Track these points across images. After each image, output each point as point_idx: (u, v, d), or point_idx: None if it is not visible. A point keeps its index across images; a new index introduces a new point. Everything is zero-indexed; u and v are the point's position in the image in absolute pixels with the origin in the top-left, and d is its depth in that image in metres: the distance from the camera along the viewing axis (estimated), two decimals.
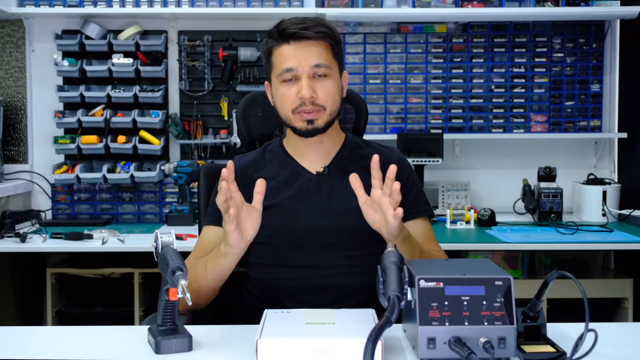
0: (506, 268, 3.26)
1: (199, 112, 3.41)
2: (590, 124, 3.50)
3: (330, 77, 1.59)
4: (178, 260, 1.25)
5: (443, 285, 1.16)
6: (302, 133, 1.61)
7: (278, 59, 1.59)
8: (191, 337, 1.27)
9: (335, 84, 1.61)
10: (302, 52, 1.57)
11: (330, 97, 1.59)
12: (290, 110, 1.59)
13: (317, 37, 1.58)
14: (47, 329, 1.58)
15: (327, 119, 1.60)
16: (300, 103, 1.57)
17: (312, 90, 1.56)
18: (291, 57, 1.57)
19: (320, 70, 1.57)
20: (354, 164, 1.67)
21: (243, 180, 1.65)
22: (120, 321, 3.14)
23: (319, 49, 1.58)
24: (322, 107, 1.58)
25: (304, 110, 1.57)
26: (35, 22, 3.39)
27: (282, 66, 1.58)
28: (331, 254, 1.59)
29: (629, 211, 3.16)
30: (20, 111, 3.43)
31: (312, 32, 1.57)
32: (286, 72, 1.57)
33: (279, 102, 1.62)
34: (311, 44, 1.57)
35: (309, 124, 1.59)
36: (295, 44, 1.57)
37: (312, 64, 1.56)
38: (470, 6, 3.30)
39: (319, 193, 1.63)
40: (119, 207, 3.40)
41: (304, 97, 1.55)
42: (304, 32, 1.57)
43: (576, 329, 1.25)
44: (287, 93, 1.58)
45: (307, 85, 1.55)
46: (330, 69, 1.59)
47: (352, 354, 1.16)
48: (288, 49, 1.58)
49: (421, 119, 3.47)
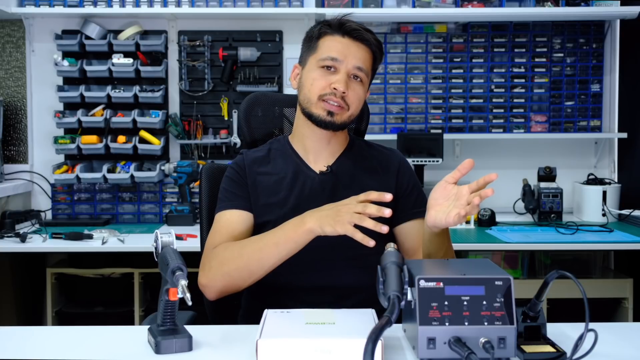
0: (506, 268, 3.26)
1: (199, 112, 3.41)
2: (590, 124, 3.50)
3: (363, 85, 1.64)
4: (178, 260, 1.25)
5: (443, 285, 1.16)
6: (319, 121, 1.62)
7: (326, 44, 1.62)
8: (191, 337, 1.27)
9: (364, 92, 1.66)
10: (353, 50, 1.61)
11: (357, 101, 1.63)
12: (317, 95, 1.60)
13: (370, 44, 1.63)
14: (47, 329, 1.58)
15: (346, 120, 1.63)
16: (329, 92, 1.59)
17: (347, 87, 1.59)
18: (341, 49, 1.61)
19: (359, 73, 1.62)
20: (357, 165, 1.69)
21: (249, 174, 1.67)
22: (120, 321, 3.14)
23: (366, 54, 1.63)
24: (347, 106, 1.61)
25: (331, 99, 1.59)
26: (35, 22, 3.39)
27: (329, 53, 1.61)
28: (331, 254, 1.59)
29: (629, 211, 3.16)
30: (20, 111, 3.43)
31: (370, 37, 1.64)
32: (331, 59, 1.60)
33: (309, 83, 1.62)
34: (363, 47, 1.63)
35: (328, 115, 1.60)
36: (349, 40, 1.62)
37: (356, 64, 1.61)
38: (470, 6, 3.31)
39: (322, 192, 1.64)
40: (119, 207, 3.40)
41: (338, 89, 1.58)
42: (364, 33, 1.63)
43: (576, 329, 1.25)
44: (321, 78, 1.61)
45: (343, 80, 1.59)
46: (367, 78, 1.64)
47: (352, 354, 1.16)
48: (341, 40, 1.62)
49: (421, 119, 3.47)
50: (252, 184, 1.66)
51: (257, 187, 1.66)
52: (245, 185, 1.66)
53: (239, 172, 1.68)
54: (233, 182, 1.68)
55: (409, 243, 1.66)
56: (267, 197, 1.64)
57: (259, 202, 1.64)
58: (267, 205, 1.63)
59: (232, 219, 1.63)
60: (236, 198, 1.65)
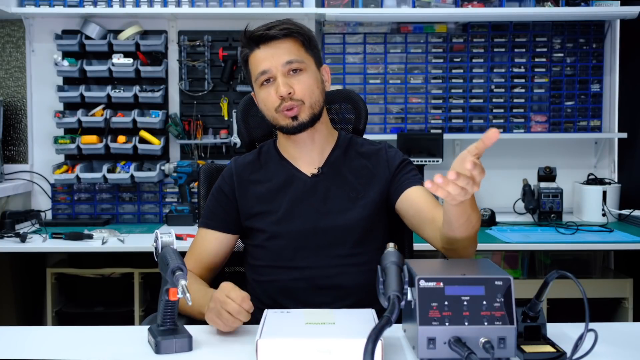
0: (506, 268, 3.26)
1: (199, 112, 3.41)
2: (590, 124, 3.49)
3: (306, 71, 1.61)
4: (178, 260, 1.25)
5: (443, 285, 1.16)
6: (290, 130, 1.61)
7: (253, 65, 1.62)
8: (191, 337, 1.27)
9: (312, 77, 1.62)
10: (273, 52, 1.59)
11: (308, 90, 1.60)
12: (274, 110, 1.60)
13: (283, 35, 1.60)
14: (47, 329, 1.58)
15: (310, 112, 1.60)
16: (280, 102, 1.58)
17: (289, 87, 1.58)
18: (263, 60, 1.59)
19: (293, 66, 1.59)
20: (347, 163, 1.68)
21: (239, 183, 1.66)
22: (120, 321, 3.14)
23: (288, 45, 1.60)
24: (301, 101, 1.59)
25: (285, 107, 1.58)
26: (35, 22, 3.38)
27: (257, 70, 1.61)
28: (328, 254, 1.59)
29: (629, 211, 3.16)
30: (20, 111, 3.43)
31: (277, 31, 1.60)
32: (261, 75, 1.60)
33: (263, 105, 1.64)
34: (280, 43, 1.60)
35: (293, 120, 1.60)
36: (265, 47, 1.60)
37: (283, 62, 1.59)
38: (470, 6, 3.30)
39: (314, 194, 1.64)
40: (119, 207, 3.39)
41: (282, 94, 1.57)
42: (269, 32, 1.60)
43: (576, 329, 1.25)
44: (267, 95, 1.60)
45: (282, 83, 1.57)
46: (304, 63, 1.61)
47: (352, 354, 1.16)
48: (259, 53, 1.60)
49: (421, 119, 3.47)
50: (244, 194, 1.66)
51: (249, 195, 1.66)
52: (229, 202, 1.66)
53: (224, 189, 1.68)
54: (214, 198, 1.69)
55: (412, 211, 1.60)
56: (260, 205, 1.64)
57: (252, 209, 1.64)
58: (260, 213, 1.64)
59: (206, 238, 1.67)
60: (214, 218, 1.67)
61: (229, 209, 1.66)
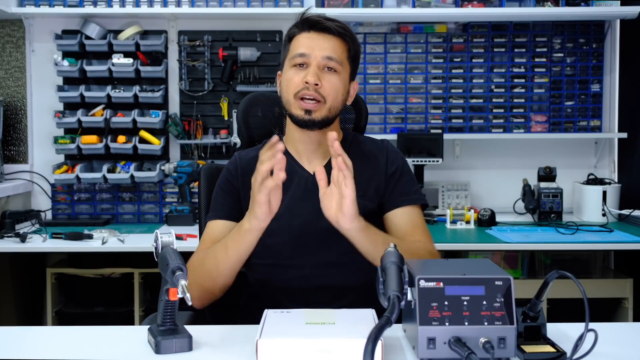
0: (506, 268, 3.26)
1: (199, 112, 3.41)
2: (590, 124, 3.49)
3: (339, 75, 1.61)
4: (178, 260, 1.25)
5: (443, 285, 1.16)
6: (299, 122, 1.61)
7: (295, 44, 1.63)
8: (191, 337, 1.27)
9: (342, 83, 1.62)
10: (319, 42, 1.60)
11: (334, 92, 1.60)
12: (293, 94, 1.60)
13: (336, 33, 1.62)
14: (47, 329, 1.58)
15: (326, 114, 1.60)
16: (303, 87, 1.58)
17: (318, 79, 1.58)
18: (307, 44, 1.60)
19: (331, 63, 1.59)
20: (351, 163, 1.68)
21: (243, 175, 1.66)
22: (120, 321, 3.14)
23: (336, 43, 1.62)
24: (323, 99, 1.59)
25: (305, 94, 1.58)
26: (35, 22, 3.39)
27: (297, 50, 1.61)
28: (328, 253, 1.59)
29: (629, 211, 3.16)
30: (20, 111, 3.43)
31: (333, 25, 1.62)
32: (299, 56, 1.60)
33: (285, 85, 1.63)
34: (330, 37, 1.61)
35: (306, 114, 1.59)
36: (315, 34, 1.62)
37: (324, 55, 1.59)
38: (470, 6, 3.30)
39: (316, 192, 1.63)
40: (119, 207, 3.40)
41: (309, 82, 1.57)
42: (325, 22, 1.62)
43: (576, 329, 1.25)
44: (294, 77, 1.60)
45: (314, 72, 1.58)
46: (341, 67, 1.61)
47: (352, 354, 1.16)
48: (306, 36, 1.62)
49: (421, 119, 3.47)
50: (246, 187, 1.65)
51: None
52: (235, 192, 1.66)
53: (229, 179, 1.69)
54: (222, 190, 1.69)
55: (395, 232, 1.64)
56: None
57: None
58: None
59: (217, 228, 1.65)
60: (223, 207, 1.66)
61: (238, 198, 1.66)
